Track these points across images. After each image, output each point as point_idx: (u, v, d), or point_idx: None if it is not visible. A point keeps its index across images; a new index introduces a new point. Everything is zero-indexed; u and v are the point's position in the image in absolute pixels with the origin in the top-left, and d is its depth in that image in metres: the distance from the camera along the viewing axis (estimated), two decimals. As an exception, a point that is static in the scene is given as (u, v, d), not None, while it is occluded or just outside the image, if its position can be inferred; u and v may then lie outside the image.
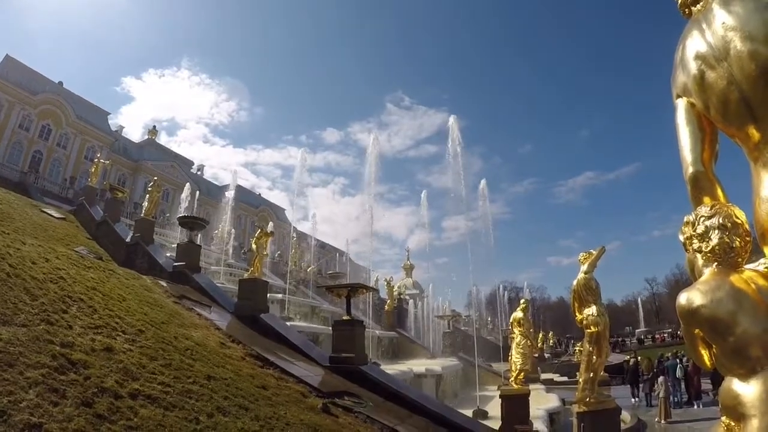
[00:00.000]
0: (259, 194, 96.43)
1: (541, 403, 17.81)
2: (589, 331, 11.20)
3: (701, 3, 3.57)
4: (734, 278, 2.93)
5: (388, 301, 34.16)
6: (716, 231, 3.10)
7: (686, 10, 3.74)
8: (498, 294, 66.45)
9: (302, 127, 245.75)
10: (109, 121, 68.70)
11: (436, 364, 22.05)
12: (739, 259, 3.08)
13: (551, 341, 68.23)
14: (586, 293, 11.43)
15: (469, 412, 14.20)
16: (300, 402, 9.17)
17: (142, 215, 23.19)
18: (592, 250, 12.09)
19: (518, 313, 14.20)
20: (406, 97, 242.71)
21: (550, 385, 27.28)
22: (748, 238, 3.12)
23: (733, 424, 2.78)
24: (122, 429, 5.23)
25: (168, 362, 7.78)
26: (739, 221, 3.11)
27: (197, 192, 51.89)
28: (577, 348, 34.94)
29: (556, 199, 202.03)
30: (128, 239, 21.31)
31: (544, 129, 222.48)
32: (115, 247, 21.00)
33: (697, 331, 2.95)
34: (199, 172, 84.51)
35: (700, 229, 3.18)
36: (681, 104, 3.64)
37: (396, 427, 9.74)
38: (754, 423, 2.58)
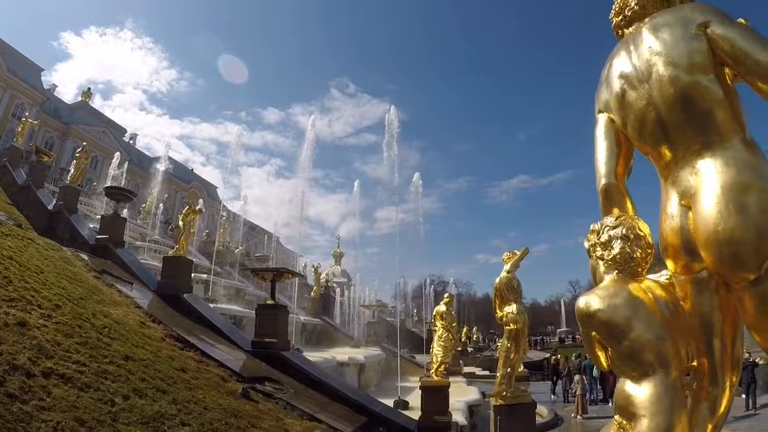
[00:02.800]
0: (192, 169, 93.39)
1: (462, 395, 18.28)
2: (508, 328, 11.49)
3: (634, 26, 3.78)
4: (633, 286, 3.13)
5: (315, 288, 34.07)
6: (619, 241, 3.28)
7: (620, 31, 3.96)
8: (425, 287, 67.34)
9: (243, 103, 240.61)
10: (42, 78, 64.29)
11: (360, 353, 22.15)
12: (639, 269, 3.27)
13: (475, 336, 69.62)
14: (508, 292, 11.71)
15: (390, 402, 14.35)
16: (220, 386, 9.05)
17: (67, 182, 22.06)
18: (516, 251, 12.40)
19: (441, 307, 14.37)
20: (351, 84, 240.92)
21: (471, 378, 27.91)
22: (649, 250, 3.31)
23: (625, 422, 2.97)
24: (34, 409, 5.01)
25: (84, 340, 7.51)
26: (642, 233, 3.30)
27: (127, 162, 50.14)
28: (499, 343, 35.75)
29: (490, 199, 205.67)
30: (51, 207, 20.28)
31: (484, 129, 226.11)
32: (37, 215, 19.90)
33: (594, 333, 3.11)
34: (131, 141, 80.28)
35: (604, 237, 3.36)
36: (601, 119, 3.84)
37: (316, 414, 9.76)
38: (644, 423, 2.78)
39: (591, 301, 3.09)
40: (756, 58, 3.02)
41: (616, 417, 3.07)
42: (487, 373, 32.31)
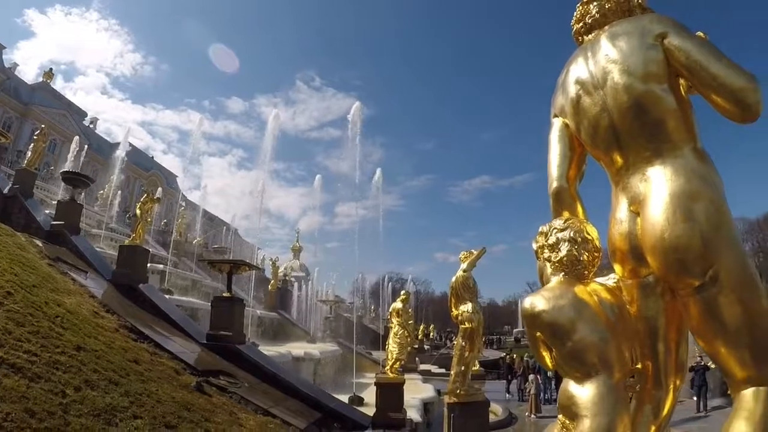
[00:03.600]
0: (152, 157, 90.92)
1: (417, 392, 18.42)
2: (463, 326, 11.62)
3: (593, 34, 3.86)
4: (578, 289, 3.20)
5: (272, 282, 33.84)
6: (566, 243, 3.36)
7: (579, 38, 4.05)
8: (383, 283, 67.42)
9: (207, 91, 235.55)
10: (3, 57, 62.13)
11: (316, 349, 22.15)
12: (586, 272, 3.37)
13: (432, 334, 70.07)
14: (464, 291, 11.83)
15: (345, 398, 14.43)
16: (173, 379, 8.97)
17: (23, 165, 21.34)
18: (473, 250, 12.53)
19: (398, 304, 14.43)
20: (317, 77, 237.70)
21: (427, 375, 28.16)
22: (596, 254, 3.40)
23: (568, 422, 3.08)
24: (-18, 400, 4.93)
25: (36, 329, 7.35)
26: (590, 237, 3.38)
27: (86, 147, 48.91)
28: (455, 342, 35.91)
29: (451, 198, 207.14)
30: (5, 190, 19.59)
31: (448, 129, 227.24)
32: (-9, 199, 19.34)
33: (539, 334, 3.18)
34: (91, 125, 77.74)
35: (552, 239, 3.44)
36: (556, 123, 3.94)
37: (270, 409, 9.75)
38: (586, 423, 2.86)
39: (536, 302, 3.17)
40: (710, 70, 3.12)
41: (560, 416, 3.19)
42: (443, 370, 32.52)
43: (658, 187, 3.18)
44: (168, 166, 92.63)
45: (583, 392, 2.95)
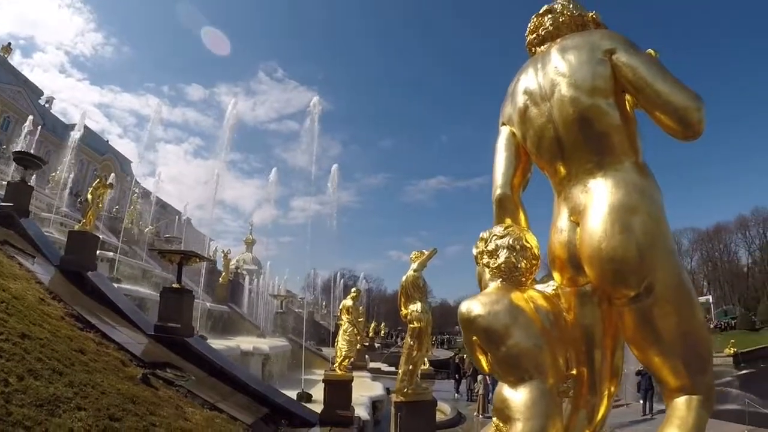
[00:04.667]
0: (108, 141, 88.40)
1: (366, 390, 18.48)
2: (412, 326, 11.76)
3: (546, 45, 3.93)
4: (515, 295, 3.26)
5: (224, 274, 33.52)
6: (505, 250, 3.41)
7: (533, 49, 4.11)
8: (335, 280, 67.28)
9: (167, 76, 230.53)
10: None
11: (265, 344, 22.03)
12: (523, 279, 3.43)
13: (383, 332, 70.25)
14: (413, 290, 11.96)
15: (294, 394, 14.38)
16: (119, 370, 8.81)
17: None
18: (424, 250, 12.67)
19: (348, 301, 14.46)
20: (280, 69, 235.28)
21: (377, 374, 28.17)
22: (534, 261, 3.47)
23: (502, 425, 3.13)
24: None
25: (-22, 315, 7.17)
26: (528, 245, 3.45)
27: (41, 127, 47.49)
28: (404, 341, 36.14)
29: (407, 197, 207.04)
30: (-51, 170, 19.01)
31: (408, 127, 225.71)
32: (-63, 178, 18.59)
33: (474, 338, 3.23)
34: (47, 105, 75.14)
35: (491, 246, 3.49)
36: (504, 131, 4.01)
37: (217, 404, 9.68)
38: (518, 426, 2.92)
39: (472, 307, 3.22)
40: (655, 87, 3.22)
41: (494, 419, 3.25)
42: (393, 369, 32.57)
43: (598, 198, 3.27)
44: (123, 150, 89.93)
45: (517, 396, 3.01)
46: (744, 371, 49.77)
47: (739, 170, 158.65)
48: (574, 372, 3.46)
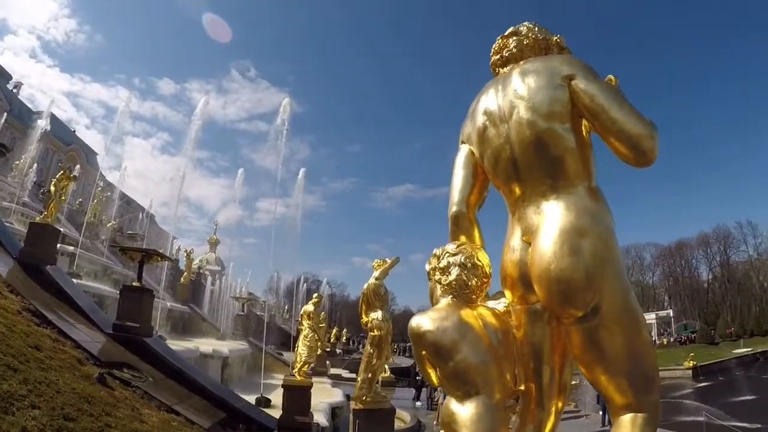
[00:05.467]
0: (75, 131, 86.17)
1: (326, 396, 18.47)
2: (372, 334, 11.76)
3: (508, 67, 3.99)
4: (464, 312, 3.32)
5: (186, 274, 33.11)
6: (456, 268, 3.48)
7: (496, 69, 4.17)
8: (298, 284, 66.95)
9: (139, 68, 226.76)
10: None
11: (225, 346, 21.79)
12: (474, 296, 3.51)
13: (344, 338, 70.00)
14: (375, 298, 11.98)
15: (253, 399, 14.28)
16: (75, 369, 8.64)
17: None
18: (387, 259, 12.72)
19: (309, 307, 14.43)
20: (252, 68, 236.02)
21: (337, 380, 28.06)
22: (485, 279, 3.56)
23: None
24: None
25: (-70, 307, 6.98)
26: (480, 264, 3.53)
27: (7, 113, 46.34)
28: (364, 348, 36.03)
29: (373, 204, 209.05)
30: None
31: (379, 134, 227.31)
32: None
33: (424, 352, 3.29)
34: (15, 90, 73.24)
35: (443, 263, 3.56)
36: (463, 149, 4.07)
37: (174, 406, 9.56)
38: None
39: (422, 322, 3.30)
40: (611, 114, 3.30)
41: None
42: (354, 375, 32.23)
43: (550, 220, 3.34)
44: (90, 142, 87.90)
45: (463, 411, 3.07)
46: (703, 384, 51.22)
47: (702, 189, 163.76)
48: (522, 388, 3.55)
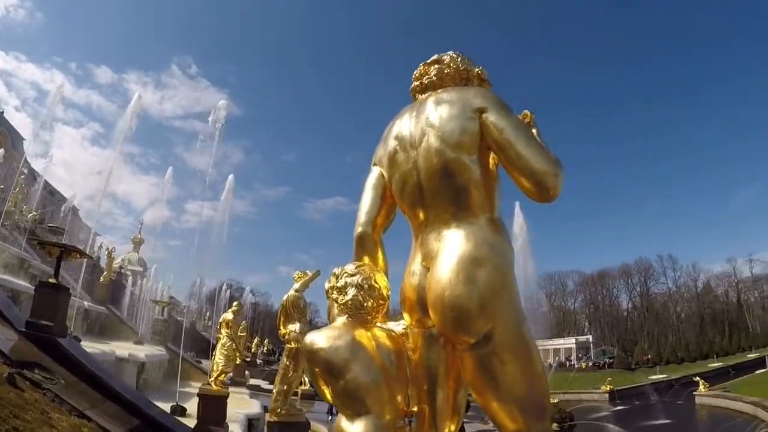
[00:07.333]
0: (2, 112, 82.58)
1: (243, 407, 18.26)
2: (289, 346, 11.86)
3: (427, 94, 4.12)
4: (358, 332, 3.45)
5: (105, 273, 32.10)
6: (353, 288, 3.60)
7: (415, 95, 4.30)
8: (220, 290, 65.73)
9: (78, 53, 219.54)
10: None
11: (142, 351, 21.18)
12: (369, 317, 3.62)
13: (266, 348, 69.05)
14: (293, 310, 12.11)
15: (168, 407, 13.97)
16: (-17, 367, 8.35)
17: None
18: (308, 271, 12.83)
19: (228, 315, 14.31)
20: (194, 66, 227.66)
21: (256, 391, 27.67)
22: (381, 301, 3.67)
23: None
24: None
25: None
26: (377, 286, 3.66)
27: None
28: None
29: (304, 214, 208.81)
30: None
31: (314, 144, 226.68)
32: None
33: (317, 369, 3.38)
34: None
35: (341, 283, 3.68)
36: (374, 171, 4.20)
37: (86, 411, 9.30)
38: None
39: (316, 340, 3.39)
40: (517, 149, 3.44)
41: None
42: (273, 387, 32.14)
43: (449, 248, 3.45)
44: (17, 125, 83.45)
45: (353, 429, 3.19)
46: (619, 407, 53.18)
47: (625, 221, 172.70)
48: (415, 409, 3.67)
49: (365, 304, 3.57)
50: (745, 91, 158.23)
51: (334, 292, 3.69)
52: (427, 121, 3.79)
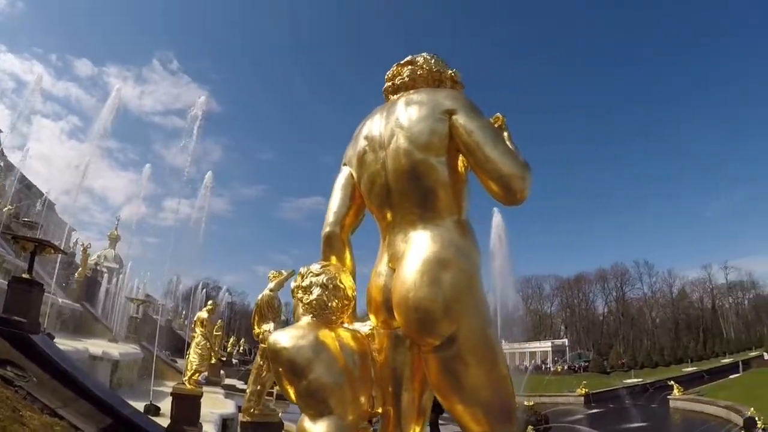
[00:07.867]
0: None
1: (218, 407, 18.19)
2: (263, 345, 11.76)
3: (399, 95, 4.10)
4: (322, 332, 3.43)
5: (80, 270, 31.70)
6: (318, 288, 3.58)
7: (387, 96, 4.28)
8: (195, 289, 65.13)
9: (58, 44, 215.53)
10: None
11: (116, 349, 20.90)
12: (334, 317, 3.61)
13: (242, 347, 68.58)
14: (268, 310, 12.02)
15: (141, 406, 13.84)
16: (-46, 364, 8.24)
17: None
18: (283, 271, 12.81)
19: (203, 314, 14.17)
20: (176, 61, 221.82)
21: (231, 390, 27.31)
22: (346, 302, 3.66)
23: None
24: None
25: None
26: (342, 286, 3.65)
27: None
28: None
29: (282, 213, 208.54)
30: None
31: (293, 144, 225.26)
32: None
33: (281, 369, 3.36)
34: None
35: (306, 282, 3.65)
36: (344, 171, 4.20)
37: (58, 410, 9.22)
38: None
39: (279, 339, 3.38)
40: (485, 151, 3.40)
41: None
42: (248, 386, 31.88)
43: (415, 249, 3.43)
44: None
45: (315, 429, 3.17)
46: (594, 410, 53.71)
47: (602, 226, 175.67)
48: (379, 410, 3.67)
49: (330, 304, 3.55)
50: (715, 98, 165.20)
51: (300, 291, 3.66)
52: (397, 121, 3.77)
